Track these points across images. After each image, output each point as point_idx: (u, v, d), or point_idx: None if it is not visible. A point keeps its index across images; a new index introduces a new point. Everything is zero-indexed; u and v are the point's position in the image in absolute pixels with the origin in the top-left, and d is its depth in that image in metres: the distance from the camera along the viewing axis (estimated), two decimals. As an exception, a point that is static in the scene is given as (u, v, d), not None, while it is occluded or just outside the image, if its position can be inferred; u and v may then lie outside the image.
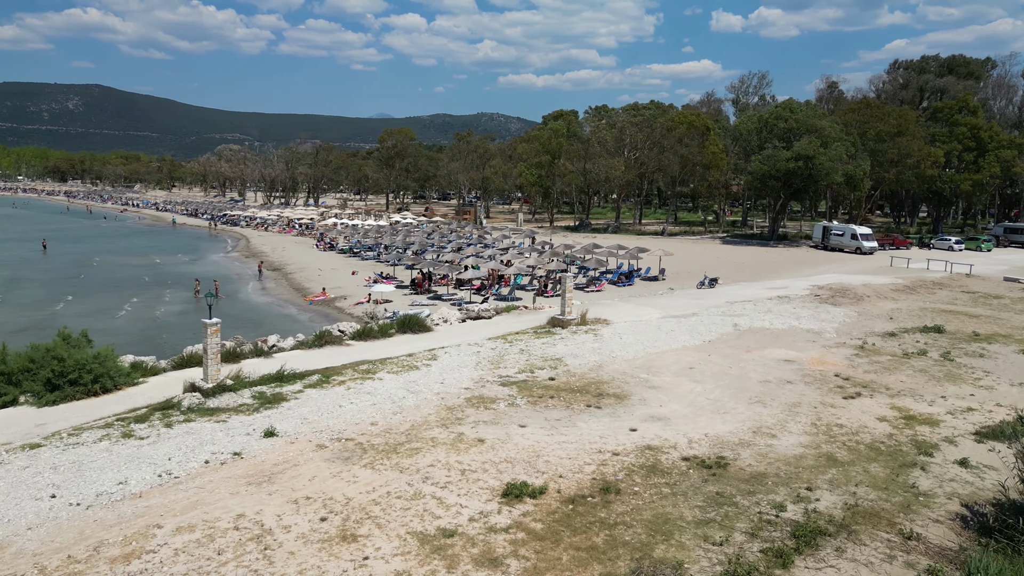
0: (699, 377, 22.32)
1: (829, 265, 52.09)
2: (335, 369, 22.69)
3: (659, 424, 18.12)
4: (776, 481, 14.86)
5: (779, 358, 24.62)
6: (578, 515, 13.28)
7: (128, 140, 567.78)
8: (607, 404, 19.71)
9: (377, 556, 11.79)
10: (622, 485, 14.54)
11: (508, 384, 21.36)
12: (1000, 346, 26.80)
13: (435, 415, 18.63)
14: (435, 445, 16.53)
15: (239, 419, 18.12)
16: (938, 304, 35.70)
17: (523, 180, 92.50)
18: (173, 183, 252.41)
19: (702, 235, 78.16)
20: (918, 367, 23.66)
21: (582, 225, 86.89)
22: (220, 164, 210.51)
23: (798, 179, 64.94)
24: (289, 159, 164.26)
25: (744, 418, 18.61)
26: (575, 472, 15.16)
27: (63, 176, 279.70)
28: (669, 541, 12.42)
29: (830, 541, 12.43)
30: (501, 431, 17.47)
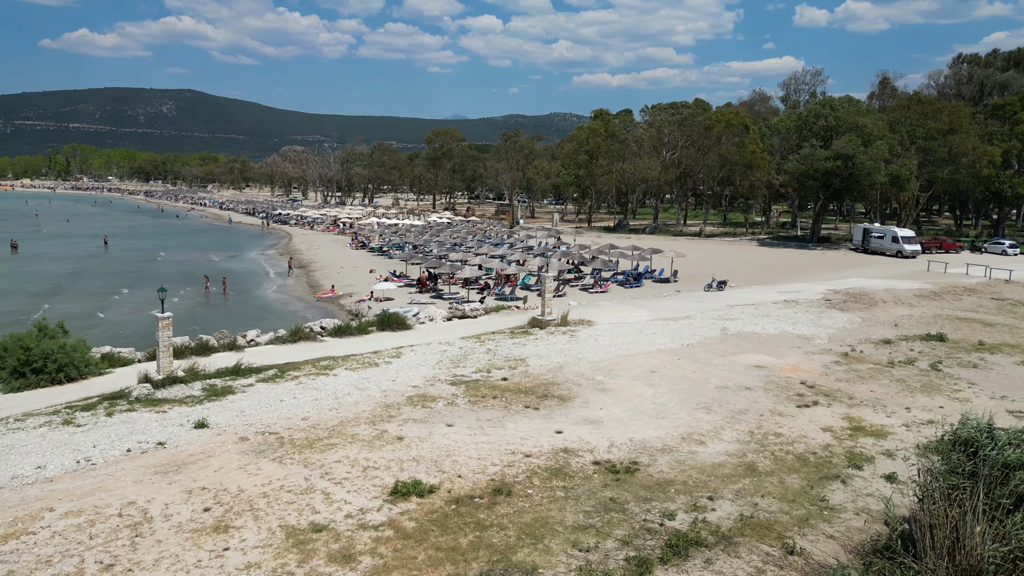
0: (656, 381, 21.76)
1: (861, 269, 49.89)
2: (295, 364, 23.14)
3: (589, 427, 17.76)
4: (680, 489, 14.37)
5: (751, 364, 23.76)
6: (457, 515, 13.16)
7: (216, 142, 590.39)
8: (547, 406, 19.44)
9: (238, 548, 11.97)
10: (517, 487, 14.33)
11: (458, 383, 21.33)
12: (1003, 356, 25.15)
13: (369, 412, 18.77)
14: (352, 441, 16.66)
15: (179, 410, 18.69)
16: (957, 311, 33.74)
17: (560, 180, 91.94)
18: (246, 183, 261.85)
19: (742, 236, 76.11)
20: (897, 376, 22.44)
21: (620, 226, 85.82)
22: (284, 165, 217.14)
23: (838, 179, 62.42)
24: (344, 160, 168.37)
25: (680, 424, 18.05)
26: (476, 473, 15.02)
27: (147, 176, 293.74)
28: (536, 545, 12.17)
29: (703, 553, 11.95)
30: (425, 430, 17.46)
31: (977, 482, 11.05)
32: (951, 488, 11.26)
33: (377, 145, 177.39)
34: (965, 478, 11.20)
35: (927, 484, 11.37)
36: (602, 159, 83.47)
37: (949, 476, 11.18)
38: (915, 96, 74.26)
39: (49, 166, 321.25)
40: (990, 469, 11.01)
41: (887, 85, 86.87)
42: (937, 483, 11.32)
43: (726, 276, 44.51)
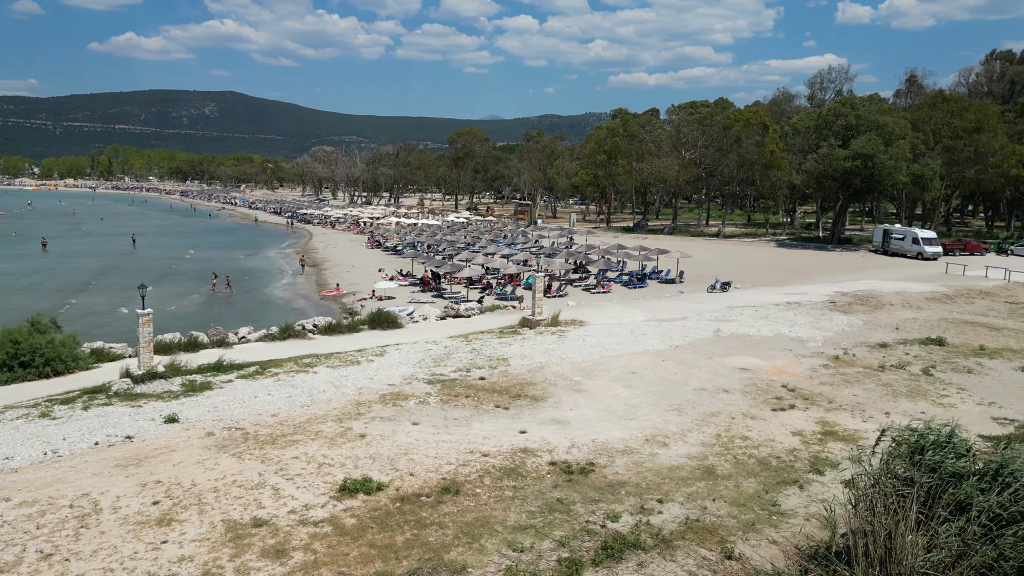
0: (634, 382, 21.54)
1: (876, 271, 48.78)
2: (278, 361, 23.39)
3: (554, 427, 17.65)
4: (632, 491, 14.21)
5: (736, 366, 23.39)
6: (400, 513, 13.18)
7: (256, 143, 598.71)
8: (518, 405, 19.37)
9: (176, 541, 12.13)
10: (467, 487, 14.30)
11: (434, 382, 21.36)
12: (1002, 362, 24.39)
13: (340, 410, 18.89)
14: (315, 438, 16.78)
15: (154, 405, 19.01)
16: (965, 315, 32.82)
17: (579, 180, 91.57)
18: (280, 183, 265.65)
19: (762, 237, 74.97)
20: (885, 381, 21.89)
21: (638, 226, 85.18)
22: (314, 165, 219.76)
23: (858, 179, 61.11)
24: (370, 160, 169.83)
25: (648, 426, 17.84)
26: (429, 471, 15.02)
27: (185, 176, 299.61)
28: (472, 545, 12.14)
29: (638, 556, 11.80)
30: (390, 428, 17.52)
31: (913, 490, 10.74)
32: (890, 496, 10.97)
33: (403, 146, 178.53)
34: (904, 485, 10.88)
35: (863, 491, 11.09)
36: (621, 159, 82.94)
37: (887, 483, 10.88)
38: (940, 94, 72.38)
39: (92, 166, 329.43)
40: (929, 477, 10.68)
41: (914, 83, 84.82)
42: (873, 490, 11.03)
43: (736, 277, 43.87)
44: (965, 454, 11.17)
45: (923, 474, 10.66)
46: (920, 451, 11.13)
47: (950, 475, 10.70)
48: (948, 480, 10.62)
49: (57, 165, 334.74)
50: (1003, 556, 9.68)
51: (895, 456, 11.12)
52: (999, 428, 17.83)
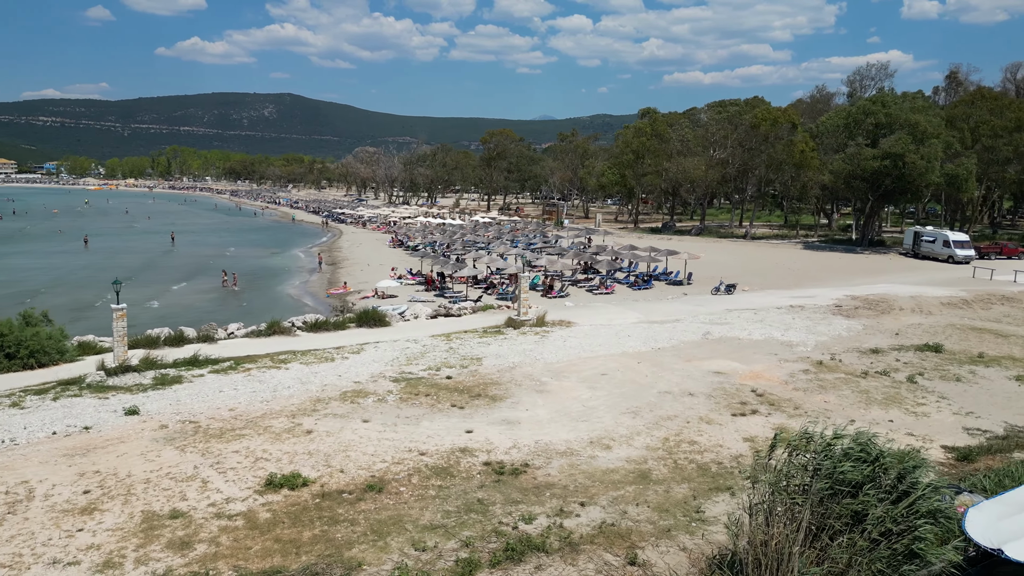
0: (601, 384, 21.27)
1: (899, 274, 47.13)
2: (255, 357, 23.79)
3: (503, 427, 17.54)
4: (557, 493, 14.03)
5: (712, 369, 22.89)
6: (317, 509, 13.27)
7: (312, 144, 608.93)
8: (475, 405, 19.32)
9: (91, 530, 12.44)
10: (392, 485, 14.32)
11: (400, 380, 21.45)
12: (998, 370, 23.32)
13: (297, 406, 19.12)
14: (262, 433, 17.02)
15: (120, 397, 19.54)
16: (976, 321, 31.49)
17: (605, 180, 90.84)
18: (329, 183, 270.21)
19: (792, 239, 73.17)
20: (863, 387, 21.15)
21: (666, 227, 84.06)
22: (357, 165, 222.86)
23: (888, 180, 59.13)
24: (407, 161, 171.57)
25: (598, 428, 17.59)
26: (361, 469, 15.09)
27: (238, 176, 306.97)
28: (376, 543, 12.15)
29: (539, 558, 11.64)
30: (339, 425, 17.66)
31: (807, 499, 10.35)
32: (784, 505, 10.59)
33: (441, 146, 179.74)
34: (800, 493, 10.50)
35: (759, 501, 10.71)
36: (648, 159, 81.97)
37: (780, 492, 10.50)
38: (979, 91, 69.56)
39: (152, 167, 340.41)
40: (824, 485, 10.26)
41: (954, 79, 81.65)
42: (771, 498, 10.66)
43: (747, 280, 42.98)
44: (872, 461, 10.70)
45: (818, 481, 10.26)
46: (826, 457, 10.70)
47: (849, 484, 10.27)
48: (845, 489, 10.19)
49: (120, 166, 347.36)
50: (882, 572, 9.27)
51: (794, 464, 10.70)
52: (967, 439, 17.06)
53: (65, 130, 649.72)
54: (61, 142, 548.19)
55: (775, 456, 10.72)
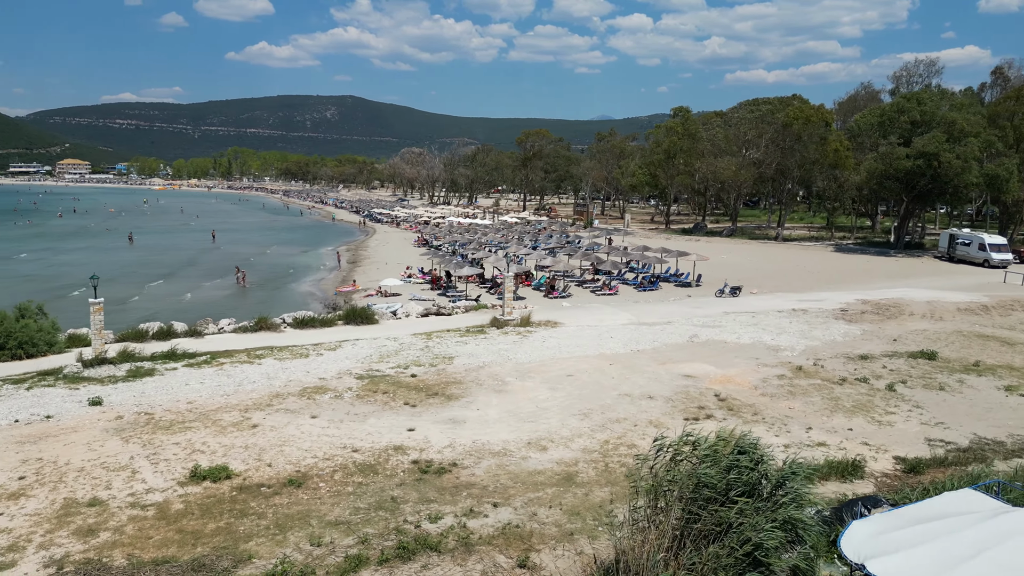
0: (563, 385, 21.05)
1: (925, 278, 45.25)
2: (232, 352, 24.28)
3: (445, 426, 17.51)
4: (475, 493, 13.94)
5: (682, 373, 22.40)
6: (231, 502, 13.48)
7: (372, 145, 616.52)
8: (428, 404, 19.33)
9: (10, 514, 12.91)
10: (313, 481, 14.45)
11: (364, 378, 21.62)
12: (988, 380, 22.19)
13: (254, 400, 19.45)
14: (210, 426, 17.37)
15: (90, 388, 20.19)
16: (988, 328, 30.03)
17: (635, 180, 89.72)
18: (381, 184, 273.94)
19: (827, 241, 71.00)
20: (835, 394, 20.39)
21: (697, 228, 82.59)
22: (403, 166, 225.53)
23: (923, 180, 56.82)
24: (447, 161, 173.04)
25: (542, 429, 17.41)
26: (289, 464, 15.27)
27: (294, 177, 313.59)
28: (275, 536, 12.28)
29: (429, 558, 11.60)
30: (286, 420, 17.90)
31: (673, 505, 10.05)
32: (654, 511, 10.30)
33: (482, 147, 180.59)
34: (676, 501, 10.20)
35: (632, 506, 10.44)
36: (680, 158, 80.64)
37: (650, 498, 10.22)
38: (1025, 87, 66.17)
39: (214, 168, 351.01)
40: (695, 491, 9.95)
41: (1000, 75, 77.89)
42: (644, 503, 10.38)
43: (760, 282, 41.93)
44: (752, 468, 10.32)
45: (687, 488, 9.95)
46: (700, 463, 10.36)
47: (717, 489, 9.93)
48: (716, 496, 9.86)
49: (186, 166, 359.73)
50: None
51: (669, 469, 10.39)
52: (925, 450, 16.29)
53: (140, 132, 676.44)
54: (136, 144, 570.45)
55: (640, 459, 10.48)
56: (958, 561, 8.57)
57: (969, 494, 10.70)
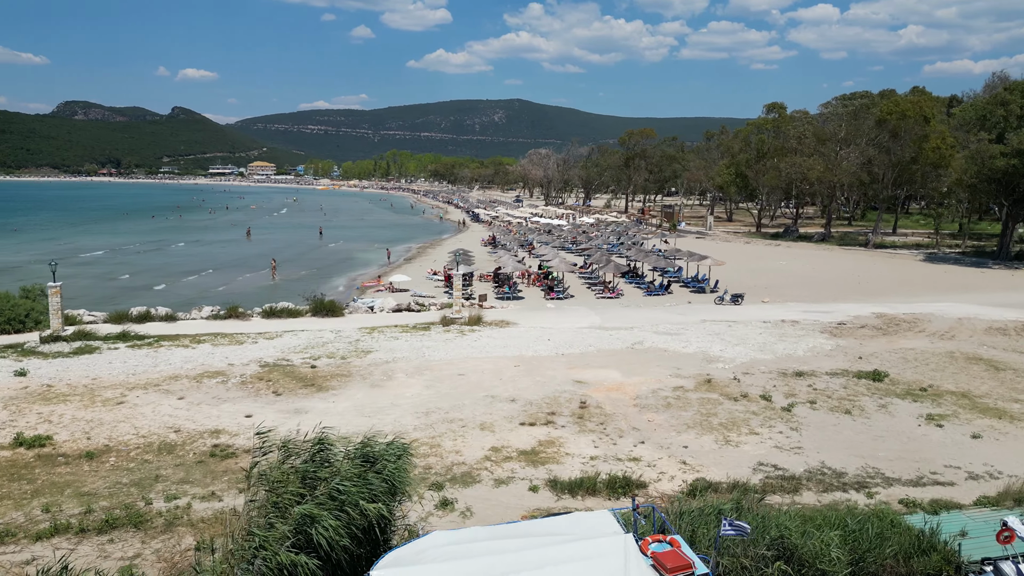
0: (443, 383, 21.10)
1: (991, 293, 40.03)
2: (178, 336, 26.35)
3: (283, 416, 18.17)
4: (236, 480, 14.52)
5: (577, 379, 21.67)
6: (23, 467, 14.95)
7: (536, 147, 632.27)
8: (295, 393, 20.13)
9: None
10: (109, 455, 15.66)
11: (267, 366, 22.77)
12: (921, 406, 19.62)
13: (150, 379, 21.13)
14: (85, 400, 19.16)
15: (32, 361, 22.81)
16: (993, 351, 26.31)
17: (721, 179, 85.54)
18: (521, 184, 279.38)
19: (926, 248, 64.31)
20: (713, 411, 18.93)
21: (787, 232, 77.52)
22: (529, 167, 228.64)
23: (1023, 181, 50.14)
24: (561, 162, 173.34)
25: (369, 424, 17.54)
26: (109, 439, 16.59)
27: (442, 178, 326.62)
28: (23, 500, 13.56)
29: (126, 532, 12.35)
30: (154, 399, 19.37)
31: (251, 503, 10.08)
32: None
33: (596, 147, 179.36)
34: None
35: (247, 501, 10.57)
36: (771, 157, 76.07)
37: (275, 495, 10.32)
38: None
39: (375, 170, 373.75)
40: (269, 491, 9.95)
41: None
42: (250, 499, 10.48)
43: (787, 291, 39.15)
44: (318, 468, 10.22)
45: (260, 489, 9.98)
46: (305, 462, 10.35)
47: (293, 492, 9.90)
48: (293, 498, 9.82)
49: (353, 168, 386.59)
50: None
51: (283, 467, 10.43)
52: (749, 475, 14.88)
53: (327, 137, 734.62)
54: (323, 147, 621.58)
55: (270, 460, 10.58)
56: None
57: (603, 516, 9.91)
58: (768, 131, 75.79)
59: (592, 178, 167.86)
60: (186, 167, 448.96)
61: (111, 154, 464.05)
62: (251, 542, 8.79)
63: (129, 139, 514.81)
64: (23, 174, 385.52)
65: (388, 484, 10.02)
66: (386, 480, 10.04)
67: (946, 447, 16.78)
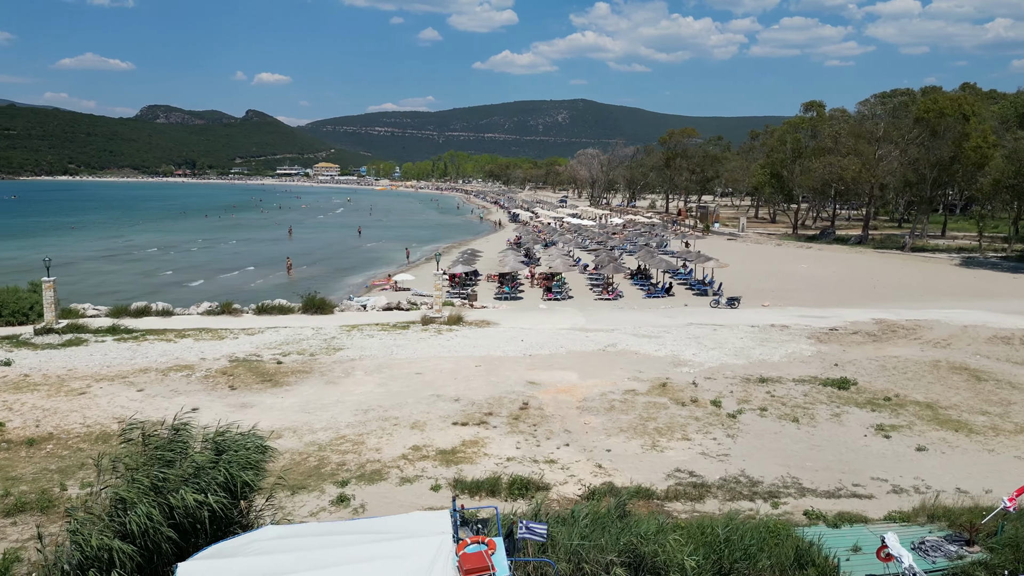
0: (396, 381, 21.41)
1: (1008, 301, 38.05)
2: (164, 331, 27.39)
3: (228, 410, 18.67)
4: (155, 469, 15.06)
5: (530, 380, 21.65)
6: (-32, 451, 15.84)
7: (599, 148, 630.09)
8: (250, 388, 20.74)
9: None
10: (50, 443, 16.46)
11: (235, 361, 23.47)
12: (878, 415, 18.88)
13: (121, 372, 22.07)
14: (51, 389, 20.17)
15: (22, 351, 24.11)
16: (986, 361, 25.02)
17: (756, 180, 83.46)
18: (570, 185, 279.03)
19: (969, 252, 61.50)
20: (654, 415, 18.64)
21: (824, 234, 75.22)
22: (577, 168, 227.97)
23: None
24: (605, 163, 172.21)
25: (306, 420, 18.07)
26: (55, 427, 17.44)
27: (496, 178, 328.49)
28: (-45, 482, 14.36)
29: (18, 517, 12.99)
30: (113, 390, 20.26)
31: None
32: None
33: (642, 147, 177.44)
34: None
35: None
36: (806, 157, 73.93)
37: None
38: None
39: (432, 170, 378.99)
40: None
41: None
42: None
43: (791, 295, 38.12)
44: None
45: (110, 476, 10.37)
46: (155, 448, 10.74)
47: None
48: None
49: (412, 169, 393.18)
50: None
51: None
52: (661, 481, 14.66)
53: (394, 139, 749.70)
54: (389, 149, 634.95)
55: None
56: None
57: (441, 516, 9.96)
58: (805, 130, 73.62)
59: (637, 178, 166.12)
60: (256, 168, 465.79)
61: (187, 156, 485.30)
62: (69, 525, 9.18)
63: (205, 141, 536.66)
64: (105, 175, 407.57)
65: (227, 476, 10.29)
66: (229, 472, 10.31)
67: (884, 459, 16.15)
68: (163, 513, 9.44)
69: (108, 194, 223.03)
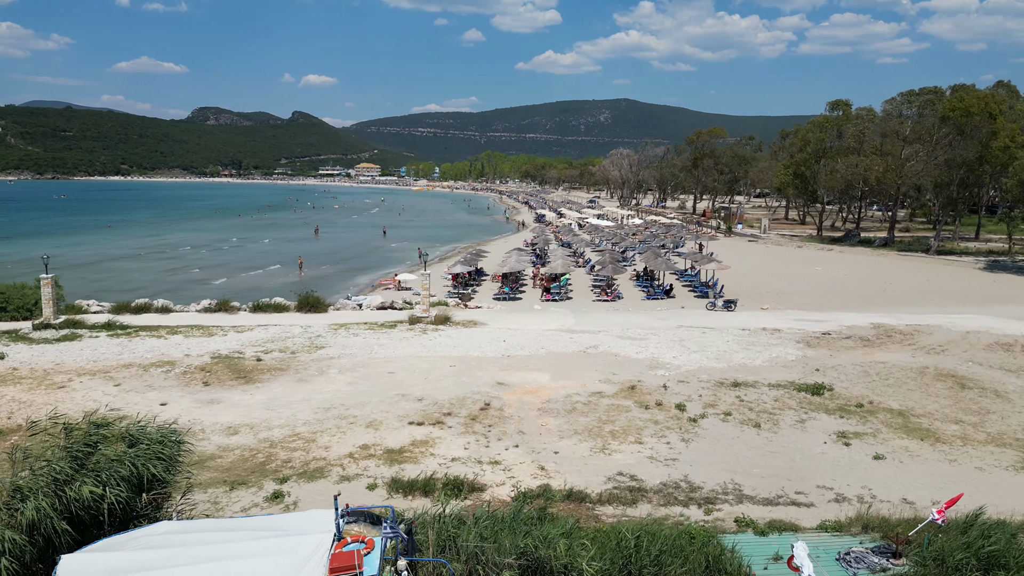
0: (367, 380, 21.66)
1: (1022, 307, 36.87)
2: (159, 327, 28.05)
3: (195, 406, 19.21)
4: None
5: (499, 380, 21.71)
6: (-61, 441, 16.51)
7: (639, 147, 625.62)
8: (223, 384, 21.18)
9: None
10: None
11: (217, 357, 23.99)
12: (845, 422, 18.51)
13: (106, 367, 22.72)
14: (33, 382, 20.89)
15: (17, 345, 24.97)
16: (976, 368, 24.26)
17: (779, 181, 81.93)
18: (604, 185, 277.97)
19: (998, 256, 59.61)
20: (613, 418, 18.54)
21: (849, 236, 73.65)
22: (609, 168, 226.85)
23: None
24: (634, 163, 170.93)
25: (267, 417, 18.40)
26: (23, 419, 17.96)
27: (532, 179, 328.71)
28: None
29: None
30: (94, 385, 20.89)
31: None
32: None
33: (672, 147, 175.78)
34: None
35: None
36: (830, 157, 72.42)
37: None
38: None
39: (470, 171, 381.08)
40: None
41: None
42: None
43: (794, 298, 37.44)
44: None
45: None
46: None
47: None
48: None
49: (450, 169, 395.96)
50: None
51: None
52: (600, 485, 14.61)
53: (436, 139, 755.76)
54: (432, 149, 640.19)
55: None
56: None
57: (329, 514, 10.10)
58: (830, 130, 72.13)
59: (666, 178, 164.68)
60: (300, 168, 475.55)
61: (234, 156, 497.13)
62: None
63: (252, 142, 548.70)
64: (156, 175, 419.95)
65: (132, 469, 10.56)
66: (135, 465, 10.59)
67: (837, 467, 15.83)
68: (61, 505, 9.76)
69: (154, 194, 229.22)
